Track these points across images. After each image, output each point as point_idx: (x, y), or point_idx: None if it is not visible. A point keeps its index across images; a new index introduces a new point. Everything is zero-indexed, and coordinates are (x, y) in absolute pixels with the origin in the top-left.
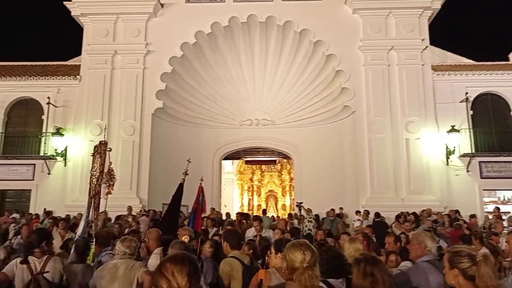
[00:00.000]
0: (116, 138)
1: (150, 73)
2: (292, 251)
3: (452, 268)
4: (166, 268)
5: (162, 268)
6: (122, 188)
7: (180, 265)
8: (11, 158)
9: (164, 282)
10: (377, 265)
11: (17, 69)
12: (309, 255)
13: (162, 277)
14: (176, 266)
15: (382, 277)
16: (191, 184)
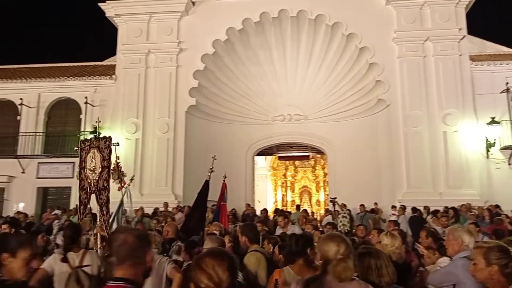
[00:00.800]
0: (151, 135)
1: (183, 71)
2: (326, 242)
3: (490, 265)
4: (206, 263)
5: (201, 263)
6: (158, 185)
7: (220, 259)
8: (52, 157)
9: (204, 277)
10: (381, 258)
11: (56, 71)
12: (343, 247)
13: (203, 272)
14: (216, 260)
15: (387, 270)
16: (221, 179)
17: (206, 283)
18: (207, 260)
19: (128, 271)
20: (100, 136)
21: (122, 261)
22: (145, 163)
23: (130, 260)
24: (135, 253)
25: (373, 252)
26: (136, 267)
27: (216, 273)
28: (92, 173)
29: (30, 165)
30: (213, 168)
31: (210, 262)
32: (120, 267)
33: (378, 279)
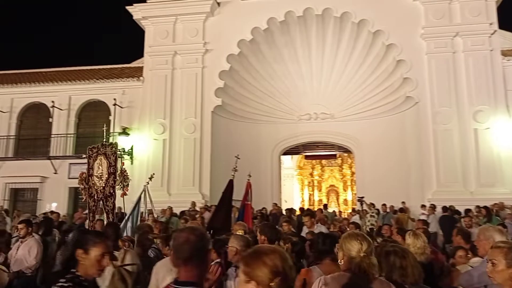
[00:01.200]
0: (178, 136)
1: (209, 72)
2: (349, 241)
3: (511, 267)
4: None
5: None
6: (185, 184)
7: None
8: (83, 157)
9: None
10: (407, 257)
11: (85, 73)
12: (365, 245)
13: (266, 266)
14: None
15: (412, 270)
16: (251, 180)
17: (271, 278)
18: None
19: (192, 273)
20: (107, 142)
21: (185, 261)
22: (173, 163)
23: (193, 260)
24: (198, 252)
25: (399, 251)
26: (199, 268)
27: (283, 268)
28: (99, 180)
29: (62, 165)
30: (236, 168)
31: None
32: (184, 268)
33: (401, 278)
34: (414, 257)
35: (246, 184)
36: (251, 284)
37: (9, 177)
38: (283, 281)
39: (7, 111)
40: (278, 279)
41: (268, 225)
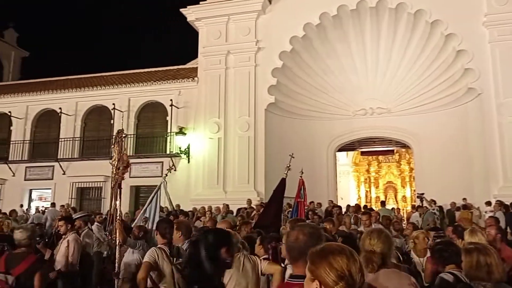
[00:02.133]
0: (232, 134)
1: (262, 70)
2: (364, 236)
3: None
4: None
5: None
6: (241, 182)
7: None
8: (142, 157)
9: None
10: (491, 254)
11: (143, 76)
12: (374, 239)
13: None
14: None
15: (497, 267)
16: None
17: (335, 281)
18: (338, 257)
19: (304, 268)
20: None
21: (295, 259)
22: (228, 161)
23: (303, 257)
24: (306, 251)
25: (482, 248)
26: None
27: (350, 271)
28: (113, 168)
29: None
30: (290, 166)
31: (341, 259)
32: (296, 265)
33: (488, 276)
34: (498, 254)
35: (298, 181)
36: (315, 283)
37: (75, 176)
38: (348, 285)
39: (72, 114)
40: (342, 283)
41: (296, 221)
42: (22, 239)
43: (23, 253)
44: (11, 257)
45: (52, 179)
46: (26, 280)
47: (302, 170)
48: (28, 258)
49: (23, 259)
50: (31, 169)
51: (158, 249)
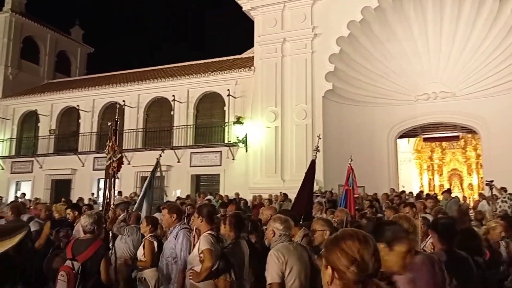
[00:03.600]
0: (289, 122)
1: (318, 56)
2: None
3: None
4: (349, 243)
5: (343, 243)
6: (298, 171)
7: (365, 243)
8: (202, 147)
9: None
10: None
11: (201, 67)
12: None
13: (342, 252)
14: (361, 243)
15: None
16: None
17: (346, 265)
18: (349, 241)
19: None
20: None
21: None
22: (285, 150)
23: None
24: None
25: None
26: None
27: (362, 256)
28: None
29: (184, 155)
30: (319, 147)
31: (353, 244)
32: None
33: None
34: None
35: (347, 168)
36: (328, 269)
37: (139, 166)
38: (360, 270)
39: (135, 107)
40: (353, 268)
41: (285, 211)
42: (86, 226)
43: (88, 239)
44: (78, 244)
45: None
46: (92, 266)
47: (351, 157)
48: (93, 245)
49: (89, 246)
50: (98, 160)
51: (211, 236)
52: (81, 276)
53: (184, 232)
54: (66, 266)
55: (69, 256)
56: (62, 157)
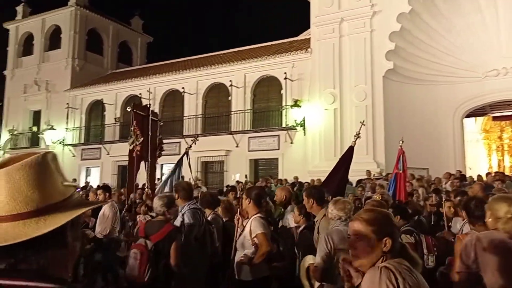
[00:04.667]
0: (348, 104)
1: (378, 35)
2: (498, 202)
3: None
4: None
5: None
6: (359, 153)
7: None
8: (260, 131)
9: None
10: None
11: (257, 51)
12: None
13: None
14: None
15: None
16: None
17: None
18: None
19: None
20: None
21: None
22: (345, 132)
23: None
24: None
25: None
26: None
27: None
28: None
29: (242, 140)
30: (360, 134)
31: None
32: None
33: None
34: None
35: (398, 151)
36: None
37: (200, 151)
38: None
39: (194, 93)
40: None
41: (315, 188)
42: (156, 207)
43: (160, 221)
44: (151, 224)
45: (179, 154)
46: (163, 248)
47: (402, 139)
48: (165, 227)
49: (161, 227)
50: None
51: (262, 219)
52: (153, 256)
53: (191, 212)
54: (139, 245)
55: (142, 235)
56: (126, 143)
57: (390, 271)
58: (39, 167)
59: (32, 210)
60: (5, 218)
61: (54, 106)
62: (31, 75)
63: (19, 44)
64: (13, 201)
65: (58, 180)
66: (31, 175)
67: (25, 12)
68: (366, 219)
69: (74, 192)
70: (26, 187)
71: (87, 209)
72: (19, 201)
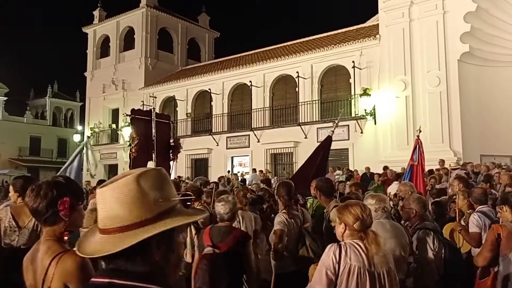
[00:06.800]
0: (421, 91)
1: (451, 16)
2: None
3: None
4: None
5: (351, 208)
6: (433, 142)
7: (361, 205)
8: (328, 122)
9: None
10: None
11: (323, 41)
12: None
13: (351, 213)
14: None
15: None
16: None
17: (353, 221)
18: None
19: None
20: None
21: None
22: (417, 120)
23: None
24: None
25: None
26: None
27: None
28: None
29: (311, 131)
30: (338, 123)
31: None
32: None
33: None
34: None
35: (415, 141)
36: (341, 225)
37: (268, 143)
38: (362, 224)
39: (261, 86)
40: (358, 222)
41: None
42: (224, 213)
43: (227, 227)
44: (216, 232)
45: (249, 147)
46: (234, 255)
47: (420, 128)
48: (233, 234)
49: (229, 234)
50: (231, 139)
51: (284, 214)
52: (225, 266)
53: None
54: (208, 254)
55: (209, 243)
56: (198, 138)
57: None
58: (139, 184)
59: (131, 224)
60: (110, 231)
61: (130, 103)
62: (108, 75)
63: (96, 46)
64: (116, 216)
65: (152, 195)
66: (130, 193)
67: (101, 15)
68: None
69: (170, 205)
70: (123, 204)
71: (178, 223)
72: (118, 217)
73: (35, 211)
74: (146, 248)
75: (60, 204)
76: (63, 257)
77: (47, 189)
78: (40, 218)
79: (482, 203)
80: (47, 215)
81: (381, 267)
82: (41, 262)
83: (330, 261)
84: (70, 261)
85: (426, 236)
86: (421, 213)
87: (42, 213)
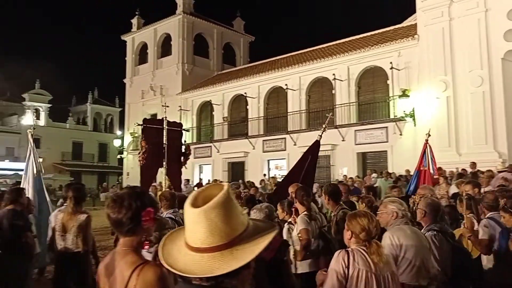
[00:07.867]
0: (463, 91)
1: (494, 14)
2: None
3: None
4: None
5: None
6: (477, 143)
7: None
8: (366, 124)
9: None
10: None
11: (359, 42)
12: None
13: (358, 224)
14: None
15: None
16: None
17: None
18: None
19: None
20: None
21: None
22: (459, 121)
23: None
24: None
25: None
26: None
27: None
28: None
29: (348, 133)
30: (326, 127)
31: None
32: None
33: None
34: None
35: (423, 145)
36: (348, 232)
37: (304, 146)
38: (367, 234)
39: (296, 89)
40: (364, 232)
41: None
42: None
43: None
44: None
45: (285, 150)
46: (278, 262)
47: (429, 132)
48: (274, 241)
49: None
50: (267, 142)
51: (306, 216)
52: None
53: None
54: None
55: None
56: (235, 141)
57: None
58: (227, 204)
59: (226, 242)
60: (204, 250)
61: (168, 109)
62: (146, 81)
63: (135, 53)
64: (211, 235)
65: (239, 212)
66: (222, 212)
67: (139, 23)
68: None
69: (248, 219)
70: (220, 223)
71: (269, 239)
72: (216, 235)
73: (119, 222)
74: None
75: (144, 214)
76: (144, 269)
77: (130, 200)
78: (122, 229)
79: (493, 209)
80: (130, 226)
81: (385, 271)
82: (121, 273)
83: (340, 266)
84: (151, 273)
85: (433, 237)
86: (432, 215)
87: (125, 224)
